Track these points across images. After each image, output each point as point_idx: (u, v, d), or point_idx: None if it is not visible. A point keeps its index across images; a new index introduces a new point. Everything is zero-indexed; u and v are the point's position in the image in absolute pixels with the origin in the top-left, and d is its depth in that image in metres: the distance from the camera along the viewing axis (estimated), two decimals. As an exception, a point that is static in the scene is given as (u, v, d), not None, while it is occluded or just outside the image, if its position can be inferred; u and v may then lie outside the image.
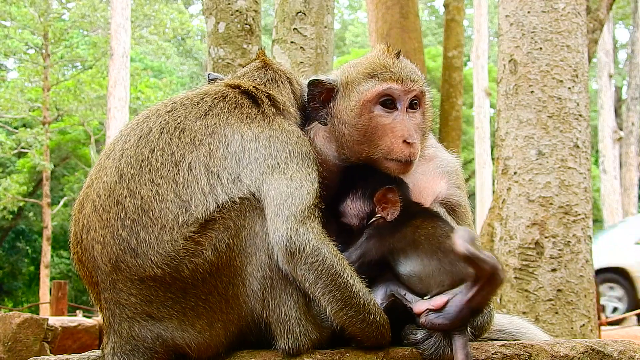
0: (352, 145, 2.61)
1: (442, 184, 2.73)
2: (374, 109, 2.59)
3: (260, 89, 2.63)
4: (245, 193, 2.34)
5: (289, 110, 2.64)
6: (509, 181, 5.60)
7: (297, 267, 2.29)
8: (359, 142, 2.59)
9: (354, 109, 2.60)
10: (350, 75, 2.67)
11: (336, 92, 2.67)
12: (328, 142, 2.72)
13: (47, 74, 27.93)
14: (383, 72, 2.61)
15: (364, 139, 2.58)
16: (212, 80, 2.88)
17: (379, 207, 2.50)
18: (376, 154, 2.57)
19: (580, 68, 5.60)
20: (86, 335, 7.67)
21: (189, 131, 2.40)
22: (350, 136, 2.61)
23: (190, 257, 2.26)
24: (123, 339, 2.32)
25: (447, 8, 15.02)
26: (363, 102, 2.59)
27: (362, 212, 2.52)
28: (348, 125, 2.61)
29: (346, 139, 2.62)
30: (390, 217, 2.49)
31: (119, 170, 2.36)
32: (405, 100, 2.59)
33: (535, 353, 2.43)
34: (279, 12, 5.88)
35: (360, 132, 2.59)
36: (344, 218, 2.53)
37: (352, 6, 48.05)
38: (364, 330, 2.33)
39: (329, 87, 2.68)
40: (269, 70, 2.78)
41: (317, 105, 2.70)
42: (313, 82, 2.69)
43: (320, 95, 2.70)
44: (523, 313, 5.26)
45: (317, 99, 2.70)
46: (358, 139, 2.59)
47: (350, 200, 2.52)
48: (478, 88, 26.34)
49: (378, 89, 2.58)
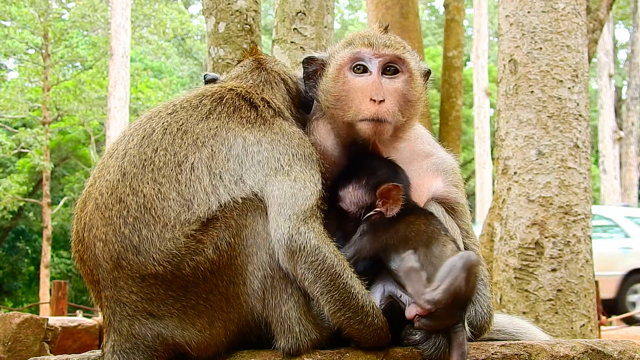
0: (332, 112, 2.65)
1: (439, 181, 2.72)
2: (347, 74, 2.63)
3: (253, 92, 2.64)
4: (247, 193, 2.35)
5: (284, 113, 2.65)
6: (509, 181, 5.60)
7: (297, 266, 2.29)
8: (335, 107, 2.63)
9: (331, 75, 2.67)
10: (334, 48, 2.76)
11: (326, 66, 2.73)
12: (327, 133, 2.73)
13: (47, 74, 27.93)
14: (358, 39, 2.68)
15: (338, 103, 2.62)
16: (209, 80, 2.89)
17: (380, 201, 2.50)
18: (349, 117, 2.59)
19: (580, 68, 5.60)
20: (86, 335, 7.67)
21: (192, 133, 2.41)
22: (329, 102, 2.65)
23: (192, 255, 2.26)
24: (123, 337, 2.32)
25: (447, 8, 15.02)
26: (338, 67, 2.65)
27: (361, 202, 2.51)
28: (327, 92, 2.66)
29: (327, 107, 2.67)
30: (389, 214, 2.49)
31: (121, 169, 2.37)
32: (377, 64, 2.62)
33: (535, 353, 2.43)
34: (279, 12, 5.88)
35: (335, 97, 2.63)
36: (342, 203, 2.53)
37: (352, 6, 48.06)
38: (362, 331, 2.34)
39: (321, 63, 2.74)
40: (262, 71, 2.78)
41: (313, 83, 2.76)
42: (306, 60, 2.76)
43: (315, 73, 2.76)
44: (523, 313, 5.26)
45: (312, 77, 2.76)
46: (334, 104, 2.63)
47: (353, 187, 2.52)
48: (478, 88, 26.36)
49: (349, 54, 2.64)
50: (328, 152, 2.70)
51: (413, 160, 2.73)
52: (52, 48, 28.55)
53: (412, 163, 2.71)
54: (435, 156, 2.79)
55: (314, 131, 2.76)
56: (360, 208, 2.52)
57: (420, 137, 2.82)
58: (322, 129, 2.75)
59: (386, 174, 2.54)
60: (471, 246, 2.66)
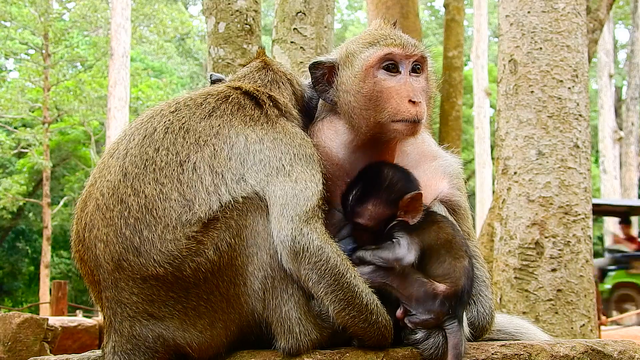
0: (360, 112, 2.63)
1: (445, 183, 2.74)
2: (377, 74, 2.62)
3: (261, 90, 2.64)
4: (248, 192, 2.35)
5: (291, 111, 2.65)
6: (509, 181, 5.60)
7: (300, 267, 2.30)
8: (366, 107, 2.62)
9: (357, 75, 2.64)
10: (349, 48, 2.73)
11: (337, 68, 2.72)
12: (334, 134, 2.74)
13: (48, 74, 27.93)
14: (383, 39, 2.67)
15: (370, 104, 2.61)
16: (215, 80, 2.89)
17: (402, 211, 2.51)
18: (383, 117, 2.59)
19: (580, 68, 5.60)
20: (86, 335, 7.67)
21: (194, 132, 2.40)
22: (357, 103, 2.63)
23: (193, 257, 2.26)
24: (124, 338, 2.32)
25: (447, 8, 15.01)
26: (366, 67, 2.63)
27: (383, 216, 2.52)
28: (353, 93, 2.64)
29: (353, 107, 2.65)
30: (412, 222, 2.50)
31: (123, 169, 2.36)
32: (408, 64, 2.63)
33: (535, 353, 2.43)
34: (279, 12, 5.88)
35: (366, 97, 2.62)
36: (360, 219, 2.53)
37: (352, 6, 48.04)
38: (366, 330, 2.34)
39: (330, 66, 2.73)
40: (269, 71, 2.79)
41: (323, 87, 2.75)
42: (313, 65, 2.74)
43: (323, 77, 2.75)
44: (523, 313, 5.26)
45: (321, 81, 2.75)
46: (364, 104, 2.62)
47: (373, 204, 2.51)
48: (478, 88, 26.36)
49: (380, 54, 2.63)
50: (333, 154, 2.70)
51: (421, 161, 2.77)
52: (53, 48, 28.54)
53: (420, 164, 2.74)
54: (442, 158, 2.82)
55: (318, 133, 2.76)
56: (380, 222, 2.52)
57: (423, 138, 2.85)
58: (329, 131, 2.75)
59: (403, 184, 2.55)
60: (472, 248, 2.67)
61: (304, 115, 2.79)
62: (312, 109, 2.84)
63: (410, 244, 2.43)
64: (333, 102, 2.72)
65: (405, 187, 2.53)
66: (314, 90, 2.80)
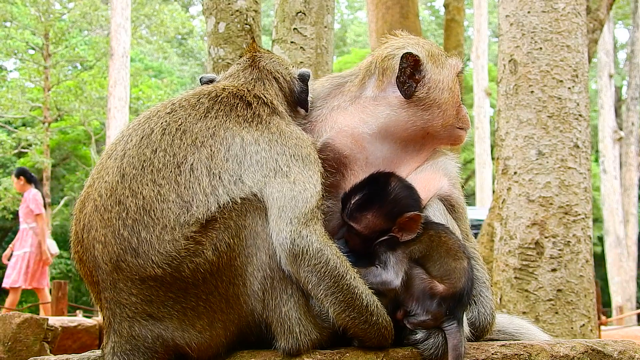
0: (446, 109, 2.81)
1: (445, 180, 2.78)
2: (456, 81, 2.87)
3: (245, 89, 2.64)
4: (246, 193, 2.35)
5: (277, 108, 2.65)
6: (509, 181, 5.60)
7: (300, 269, 2.30)
8: (453, 106, 2.82)
9: (449, 77, 2.83)
10: (430, 50, 2.87)
11: (422, 64, 2.79)
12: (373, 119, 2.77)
13: (48, 74, 27.94)
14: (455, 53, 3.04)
15: (448, 105, 2.81)
16: (206, 82, 2.89)
17: (397, 227, 2.51)
18: (452, 120, 2.82)
19: (580, 68, 5.60)
20: (86, 335, 7.67)
21: (190, 133, 2.40)
22: (450, 100, 2.82)
23: (191, 257, 2.26)
24: (123, 338, 2.32)
25: (447, 8, 15.01)
26: (456, 72, 2.86)
27: (377, 228, 2.52)
28: (448, 91, 2.82)
29: (440, 104, 2.80)
30: (403, 239, 2.50)
31: (120, 170, 2.36)
32: None
33: (535, 353, 2.43)
34: (279, 12, 5.88)
35: (454, 99, 2.84)
36: (356, 224, 2.52)
37: (352, 6, 48.03)
38: (367, 331, 2.35)
39: (416, 60, 2.78)
40: (254, 69, 2.78)
41: (404, 79, 2.78)
42: (405, 55, 2.77)
43: (407, 69, 2.79)
44: (523, 313, 5.26)
45: (404, 73, 2.79)
46: (453, 104, 2.82)
47: (372, 215, 2.52)
48: (478, 88, 26.35)
49: (461, 65, 2.90)
50: (360, 136, 2.73)
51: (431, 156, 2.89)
52: (53, 48, 28.55)
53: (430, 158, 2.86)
54: (443, 157, 2.88)
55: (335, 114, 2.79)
56: (373, 232, 2.52)
57: None
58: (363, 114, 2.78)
59: (406, 202, 2.55)
60: (470, 248, 2.68)
61: (294, 108, 2.78)
62: (303, 101, 2.83)
63: (397, 264, 2.43)
64: (408, 97, 2.77)
65: (408, 205, 2.53)
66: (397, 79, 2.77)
